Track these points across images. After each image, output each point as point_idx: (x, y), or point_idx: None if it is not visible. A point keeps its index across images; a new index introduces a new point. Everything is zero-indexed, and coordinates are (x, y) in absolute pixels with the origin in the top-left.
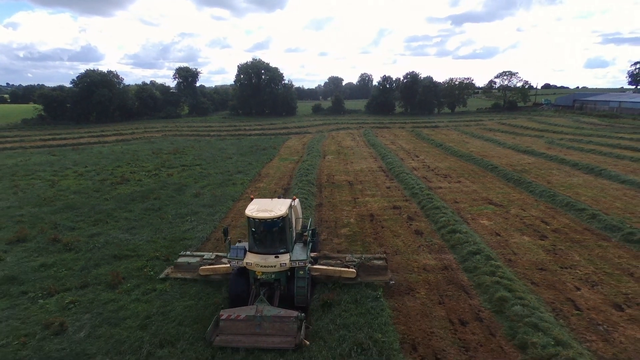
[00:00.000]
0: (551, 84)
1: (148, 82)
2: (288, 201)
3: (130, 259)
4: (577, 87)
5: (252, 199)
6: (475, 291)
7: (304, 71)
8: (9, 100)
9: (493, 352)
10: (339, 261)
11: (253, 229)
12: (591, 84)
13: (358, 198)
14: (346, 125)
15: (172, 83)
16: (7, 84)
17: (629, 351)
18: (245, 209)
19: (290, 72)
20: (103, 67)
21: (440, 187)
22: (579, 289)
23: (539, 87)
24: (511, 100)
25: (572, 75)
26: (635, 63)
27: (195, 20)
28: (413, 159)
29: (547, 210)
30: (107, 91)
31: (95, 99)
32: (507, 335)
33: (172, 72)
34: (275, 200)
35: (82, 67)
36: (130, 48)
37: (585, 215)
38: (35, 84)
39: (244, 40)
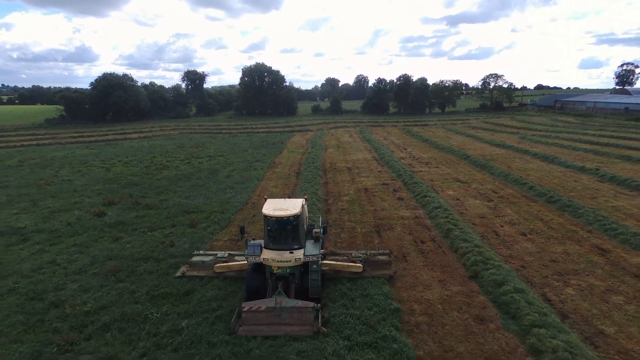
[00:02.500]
0: (544, 85)
1: (147, 83)
2: (300, 201)
3: (197, 213)
4: (569, 88)
5: (265, 199)
6: (433, 227)
7: (299, 72)
8: (17, 102)
9: (438, 254)
10: (345, 257)
11: (268, 228)
12: (585, 85)
13: (355, 178)
14: (344, 124)
15: (166, 83)
16: (2, 85)
17: (518, 252)
18: (261, 189)
19: (286, 73)
20: (98, 67)
21: (421, 171)
22: (502, 227)
23: (531, 88)
24: (497, 101)
25: (566, 75)
26: (622, 64)
27: (190, 20)
28: (401, 151)
29: (499, 185)
30: (122, 93)
31: (112, 100)
32: (448, 246)
33: (167, 73)
34: (288, 200)
35: (77, 68)
36: (125, 49)
37: (525, 187)
38: (45, 86)
39: (239, 41)
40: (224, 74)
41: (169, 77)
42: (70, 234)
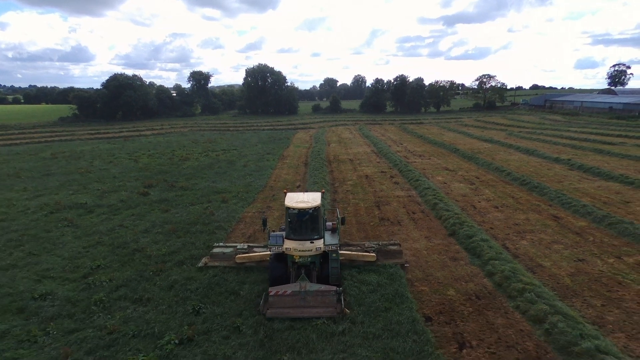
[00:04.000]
0: (539, 85)
1: (147, 83)
2: (319, 194)
3: (226, 193)
4: (563, 88)
5: (285, 193)
6: (423, 203)
7: (297, 72)
8: (22, 101)
9: (425, 220)
10: (358, 247)
11: (289, 219)
12: (581, 85)
13: (357, 168)
14: (343, 122)
15: (164, 83)
16: None
17: (489, 219)
18: (275, 176)
19: (283, 73)
20: (94, 67)
21: (415, 162)
22: (479, 202)
23: (527, 88)
24: (490, 101)
25: (562, 76)
26: (614, 65)
27: (187, 20)
28: (398, 146)
29: (482, 172)
30: (132, 92)
31: (123, 99)
32: (434, 215)
33: (164, 73)
34: (307, 193)
35: (73, 68)
36: (122, 48)
37: (504, 174)
38: (48, 85)
39: (236, 41)
40: (221, 73)
41: (166, 77)
42: (126, 207)
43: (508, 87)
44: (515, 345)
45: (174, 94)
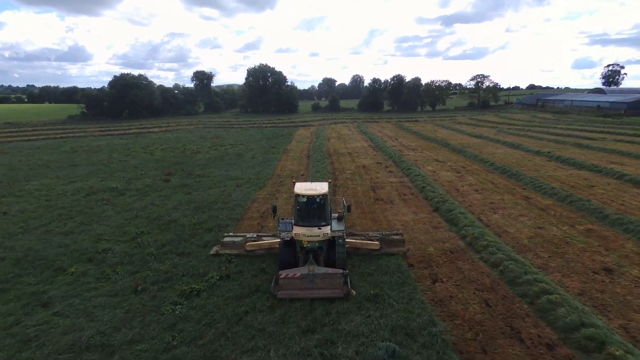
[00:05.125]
0: (536, 85)
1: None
2: (326, 183)
3: (238, 179)
4: (559, 87)
5: (294, 183)
6: (413, 187)
7: (295, 72)
8: (25, 100)
9: (414, 200)
10: (362, 237)
11: (298, 207)
12: (579, 84)
13: (355, 159)
14: (342, 120)
15: (162, 83)
16: None
17: (469, 199)
18: (281, 166)
19: (283, 73)
20: (92, 67)
21: (408, 154)
22: (463, 186)
23: (524, 87)
24: (484, 100)
25: (560, 76)
26: (608, 65)
27: (185, 20)
28: (393, 141)
29: (468, 163)
30: (139, 91)
31: (129, 98)
32: (422, 197)
33: (161, 73)
34: (315, 182)
35: (70, 67)
36: (119, 48)
37: (488, 164)
38: (51, 85)
39: (234, 41)
40: (219, 73)
41: (164, 77)
42: (152, 191)
43: (505, 87)
44: (476, 281)
45: (177, 92)
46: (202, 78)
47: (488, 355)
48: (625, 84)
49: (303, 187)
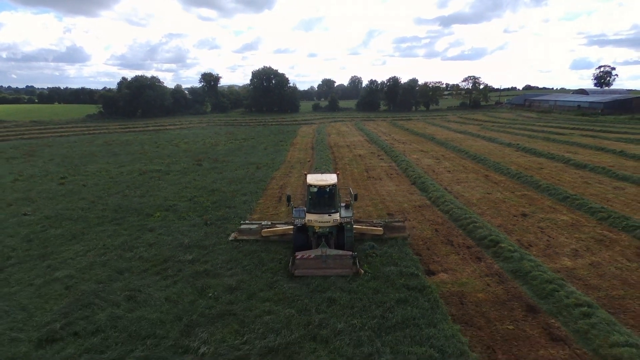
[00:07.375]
0: (532, 85)
1: None
2: (334, 175)
3: (257, 164)
4: (554, 88)
5: (305, 175)
6: (398, 169)
7: (293, 72)
8: (36, 100)
9: (397, 177)
10: (367, 224)
11: (310, 196)
12: (575, 85)
13: (352, 150)
14: (341, 119)
15: (165, 83)
16: None
17: (441, 177)
18: (290, 155)
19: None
20: (90, 68)
21: (398, 147)
22: (439, 169)
23: (520, 88)
24: (475, 100)
25: (558, 76)
26: (600, 67)
27: (183, 20)
28: (387, 137)
29: (447, 153)
30: (152, 92)
31: (144, 98)
32: (405, 175)
33: (160, 74)
34: (325, 174)
35: (68, 68)
36: (117, 49)
37: (463, 153)
38: (54, 86)
39: (232, 41)
40: (217, 73)
41: (162, 78)
42: (190, 172)
43: (501, 88)
44: (431, 220)
45: (186, 93)
46: (210, 80)
47: (430, 250)
48: (622, 84)
49: (315, 179)
